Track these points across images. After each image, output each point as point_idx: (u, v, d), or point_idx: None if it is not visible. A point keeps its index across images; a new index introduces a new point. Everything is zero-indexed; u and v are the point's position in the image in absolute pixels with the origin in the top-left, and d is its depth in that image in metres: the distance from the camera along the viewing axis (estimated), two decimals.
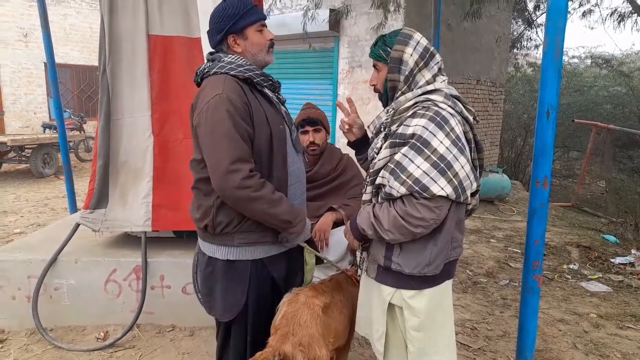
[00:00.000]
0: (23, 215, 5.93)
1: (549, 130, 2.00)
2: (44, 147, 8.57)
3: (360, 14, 7.32)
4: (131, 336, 2.83)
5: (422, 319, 1.52)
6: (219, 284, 1.72)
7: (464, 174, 1.41)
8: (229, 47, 1.69)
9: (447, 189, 1.38)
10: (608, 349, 2.91)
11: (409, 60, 1.51)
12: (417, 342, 1.54)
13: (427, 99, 1.49)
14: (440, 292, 1.56)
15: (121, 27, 2.88)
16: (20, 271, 2.89)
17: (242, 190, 1.52)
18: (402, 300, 1.55)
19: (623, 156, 9.94)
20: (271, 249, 1.73)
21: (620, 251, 4.88)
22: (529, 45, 11.85)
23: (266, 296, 1.76)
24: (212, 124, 1.53)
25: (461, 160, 1.40)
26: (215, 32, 1.68)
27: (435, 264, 1.49)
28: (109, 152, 2.93)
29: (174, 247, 3.09)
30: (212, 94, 1.55)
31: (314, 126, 2.48)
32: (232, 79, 1.60)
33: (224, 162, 1.50)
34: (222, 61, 1.64)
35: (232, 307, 1.70)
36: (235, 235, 1.66)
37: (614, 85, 12.28)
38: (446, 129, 1.40)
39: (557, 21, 1.93)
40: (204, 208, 1.66)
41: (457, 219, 1.52)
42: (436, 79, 1.54)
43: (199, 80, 1.72)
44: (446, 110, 1.44)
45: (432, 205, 1.40)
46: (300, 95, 8.01)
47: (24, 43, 12.17)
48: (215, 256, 1.70)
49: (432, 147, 1.39)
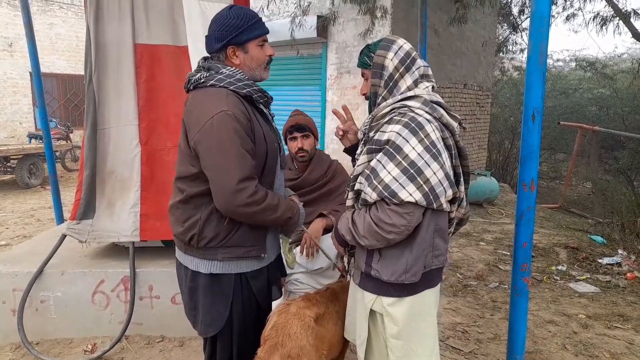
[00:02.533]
0: (8, 226, 5.84)
1: (535, 134, 2.02)
2: (30, 158, 8.46)
3: (347, 20, 7.37)
4: (120, 348, 2.79)
5: (401, 328, 1.50)
6: (203, 299, 1.68)
7: (436, 180, 1.39)
8: (226, 58, 1.64)
9: (415, 195, 1.37)
10: (597, 349, 2.94)
11: (389, 65, 1.51)
12: (397, 351, 1.52)
13: (404, 105, 1.48)
14: (421, 301, 1.53)
15: (107, 36, 2.87)
16: (5, 284, 2.83)
17: (248, 207, 1.51)
18: (382, 307, 1.53)
19: (608, 157, 10.10)
20: (254, 264, 1.70)
21: (608, 251, 4.94)
22: (515, 49, 12.01)
23: (251, 310, 1.72)
24: (219, 143, 1.48)
25: (433, 167, 1.38)
26: (215, 39, 1.61)
27: (412, 271, 1.47)
28: (96, 161, 2.90)
29: (163, 257, 3.06)
30: (216, 110, 1.49)
31: (302, 132, 2.48)
32: (232, 94, 1.55)
33: (232, 182, 1.47)
34: (220, 73, 1.58)
35: (215, 322, 1.67)
36: (219, 250, 1.62)
37: (599, 87, 12.49)
38: (420, 135, 1.40)
39: (540, 26, 1.95)
40: (191, 221, 1.62)
41: (437, 226, 1.50)
42: (419, 84, 1.53)
43: (190, 87, 1.65)
44: (422, 116, 1.44)
45: (402, 212, 1.39)
46: (289, 102, 8.01)
47: (9, 53, 12.04)
48: (199, 270, 1.65)
49: (404, 153, 1.39)
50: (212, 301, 1.66)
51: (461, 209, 1.63)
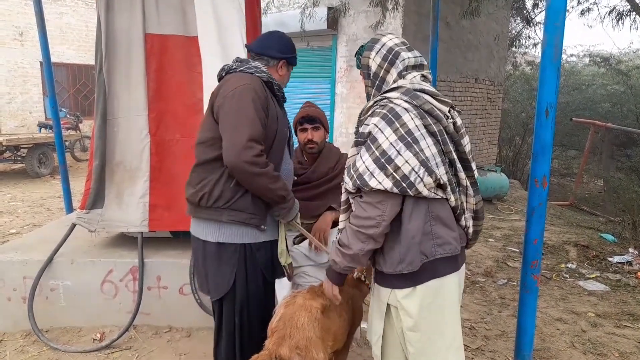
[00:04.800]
0: (19, 215, 5.90)
1: (548, 129, 1.98)
2: (40, 147, 8.53)
3: (358, 12, 7.30)
4: (128, 337, 2.81)
5: (416, 320, 1.51)
6: (210, 265, 1.89)
7: (408, 168, 1.41)
8: (275, 66, 2.00)
9: (385, 183, 1.41)
10: (606, 347, 2.91)
11: (372, 64, 1.61)
12: (415, 343, 1.53)
13: (384, 97, 1.53)
14: (432, 291, 1.52)
15: (118, 25, 2.86)
16: (15, 272, 2.86)
17: (252, 166, 1.70)
18: (396, 300, 1.54)
19: (621, 155, 9.95)
20: (258, 236, 1.89)
21: (618, 250, 4.89)
22: (528, 44, 11.86)
23: (255, 281, 1.90)
24: (238, 106, 1.74)
25: (405, 155, 1.41)
26: (276, 51, 1.98)
27: (407, 260, 1.47)
28: (105, 151, 2.91)
29: (171, 248, 3.08)
30: (240, 83, 1.79)
31: (312, 124, 2.47)
32: (257, 77, 1.86)
33: (242, 138, 1.69)
34: (249, 64, 1.90)
35: (220, 287, 1.87)
36: (224, 212, 1.82)
37: (612, 83, 12.30)
38: (396, 125, 1.44)
39: (555, 20, 1.91)
40: (203, 182, 1.83)
41: (432, 214, 1.49)
42: (406, 76, 1.57)
43: (223, 74, 1.93)
44: (400, 105, 1.47)
45: (373, 201, 1.45)
46: (298, 95, 7.98)
47: (20, 42, 12.11)
48: (208, 239, 1.86)
49: (378, 144, 1.44)
50: (219, 268, 1.87)
51: (470, 199, 1.61)
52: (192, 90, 2.92)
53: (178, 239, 3.19)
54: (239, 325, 1.89)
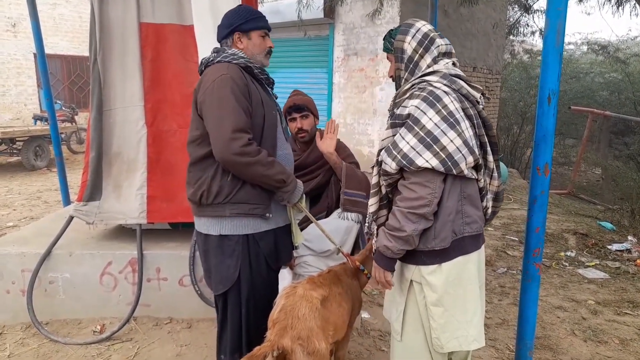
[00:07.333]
0: (16, 208, 5.86)
1: (550, 117, 1.96)
2: (36, 140, 8.46)
3: (355, 1, 7.22)
4: (128, 329, 2.80)
5: (440, 295, 1.55)
6: (214, 259, 1.87)
7: (453, 147, 1.45)
8: (232, 43, 1.89)
9: (432, 161, 1.44)
10: (606, 335, 2.92)
11: (407, 48, 1.62)
12: (438, 318, 1.57)
13: (423, 80, 1.57)
14: (458, 268, 1.57)
15: (112, 15, 2.81)
16: (14, 265, 2.85)
17: (242, 156, 1.68)
18: (421, 277, 1.59)
19: (619, 143, 9.96)
20: (261, 225, 1.86)
21: (617, 238, 4.89)
22: (526, 32, 11.73)
23: (260, 272, 1.88)
24: (218, 98, 1.71)
25: (450, 135, 1.46)
26: (224, 26, 1.89)
27: (441, 237, 1.52)
28: (102, 143, 2.88)
29: (170, 239, 3.06)
30: (217, 74, 1.74)
31: (300, 112, 2.48)
32: (234, 65, 1.80)
33: (227, 131, 1.66)
34: (225, 52, 1.84)
35: (224, 281, 1.85)
36: (226, 206, 1.80)
37: (610, 71, 12.25)
38: (438, 107, 1.47)
39: (558, 4, 1.88)
40: (200, 181, 1.81)
41: (464, 193, 1.55)
42: (439, 62, 1.61)
43: (202, 68, 1.88)
44: (440, 89, 1.51)
45: (422, 181, 1.47)
46: (295, 84, 7.90)
47: (13, 33, 11.93)
48: (210, 232, 1.84)
49: (421, 124, 1.47)
50: (222, 261, 1.85)
51: (494, 181, 1.68)
52: (189, 80, 2.88)
53: (177, 231, 3.17)
54: (245, 316, 1.87)
